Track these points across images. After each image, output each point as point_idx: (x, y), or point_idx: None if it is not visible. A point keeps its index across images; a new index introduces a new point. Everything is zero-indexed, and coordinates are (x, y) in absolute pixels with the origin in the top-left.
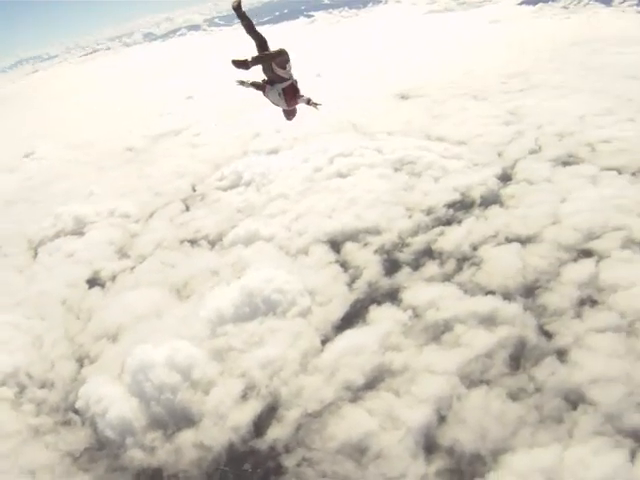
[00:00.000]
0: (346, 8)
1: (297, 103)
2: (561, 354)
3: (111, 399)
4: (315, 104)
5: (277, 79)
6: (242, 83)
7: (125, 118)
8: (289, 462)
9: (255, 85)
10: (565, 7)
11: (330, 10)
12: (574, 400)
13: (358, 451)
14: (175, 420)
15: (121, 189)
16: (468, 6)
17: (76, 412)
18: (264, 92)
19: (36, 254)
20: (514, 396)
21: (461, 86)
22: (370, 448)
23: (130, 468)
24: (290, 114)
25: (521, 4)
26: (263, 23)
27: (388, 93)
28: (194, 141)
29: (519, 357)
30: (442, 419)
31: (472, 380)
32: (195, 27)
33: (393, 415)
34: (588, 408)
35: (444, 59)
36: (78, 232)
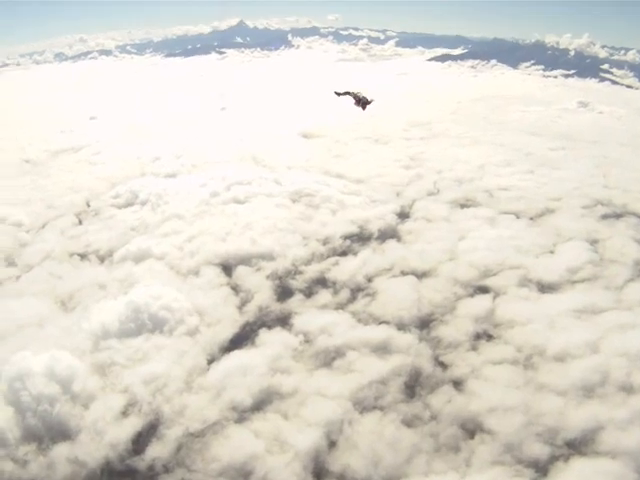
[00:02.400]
0: (258, 49)
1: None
2: (457, 384)
3: None
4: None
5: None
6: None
7: (26, 132)
8: None
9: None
10: (473, 67)
11: (242, 49)
12: (471, 429)
13: (242, 474)
14: (51, 433)
15: (14, 199)
16: (377, 58)
17: None
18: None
19: None
20: (409, 423)
21: (364, 130)
22: (255, 471)
23: None
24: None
25: (430, 60)
26: (175, 55)
27: (291, 131)
28: (93, 159)
29: (414, 385)
30: (333, 444)
31: (365, 406)
32: (107, 52)
33: (281, 438)
34: (486, 437)
35: (348, 104)
36: None
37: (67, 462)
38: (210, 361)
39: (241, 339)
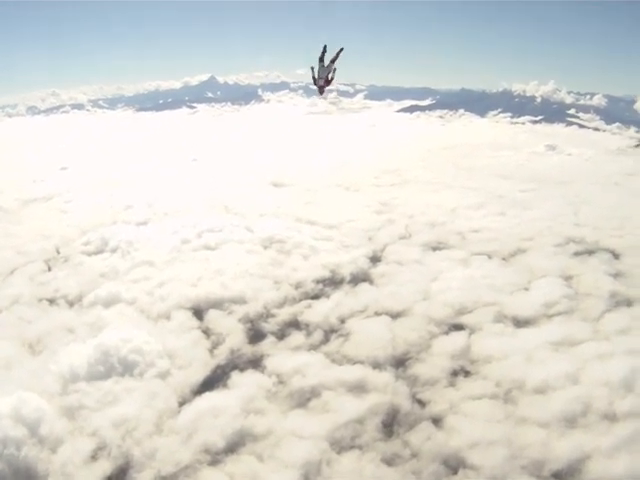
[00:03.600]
0: (229, 103)
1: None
2: (437, 420)
3: None
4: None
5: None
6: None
7: None
8: None
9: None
10: (441, 116)
11: (213, 104)
12: (454, 465)
13: None
14: (17, 477)
15: None
16: (347, 111)
17: None
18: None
19: None
20: (389, 461)
21: (334, 179)
22: None
23: None
24: (320, 92)
25: (399, 111)
26: (147, 109)
27: (262, 181)
28: (64, 207)
29: (392, 423)
30: None
31: (343, 446)
32: (79, 106)
33: None
34: (469, 472)
35: (319, 154)
36: None
37: None
38: (181, 403)
39: (213, 381)
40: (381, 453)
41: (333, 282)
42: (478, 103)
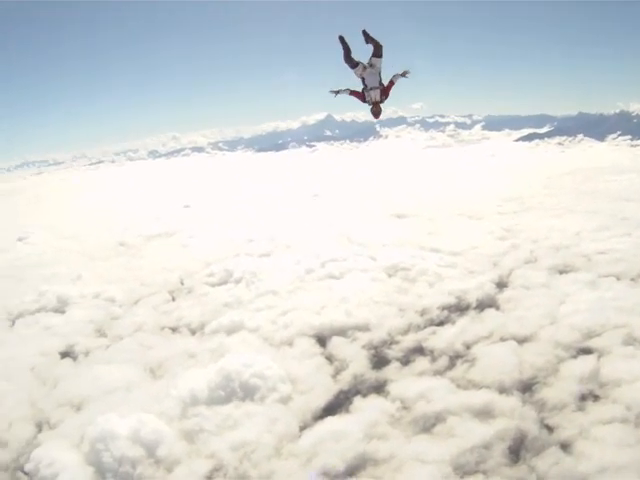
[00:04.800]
0: (347, 140)
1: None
2: (565, 446)
3: (63, 465)
4: (404, 73)
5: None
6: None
7: (122, 219)
8: None
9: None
10: (560, 143)
11: (331, 142)
12: None
13: None
14: None
15: (109, 277)
16: (465, 143)
17: (26, 474)
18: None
19: (13, 324)
20: None
21: (457, 208)
22: None
23: None
24: (376, 114)
25: (517, 140)
26: (266, 150)
27: (384, 213)
28: (187, 242)
29: (519, 449)
30: None
31: (467, 470)
32: (199, 149)
33: None
34: None
35: (440, 185)
36: (60, 310)
37: None
38: (302, 428)
39: (335, 406)
40: (506, 478)
41: (458, 308)
42: (596, 127)
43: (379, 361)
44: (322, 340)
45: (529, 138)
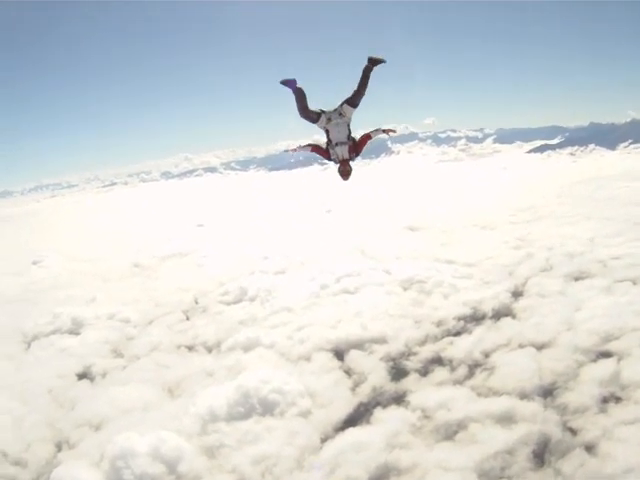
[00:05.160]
0: (359, 158)
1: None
2: (589, 448)
3: None
4: (387, 131)
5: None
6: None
7: (136, 240)
8: None
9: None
10: (572, 154)
11: None
12: None
13: None
14: None
15: (123, 298)
16: (477, 156)
17: None
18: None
19: (29, 347)
20: None
21: (469, 219)
22: None
23: None
24: (345, 174)
25: (529, 152)
26: (278, 169)
27: (397, 226)
28: (201, 261)
29: (543, 453)
30: None
31: (491, 476)
32: (212, 169)
33: None
34: None
35: (453, 198)
36: (75, 332)
37: None
38: (323, 440)
39: (355, 418)
40: None
41: (475, 318)
42: (607, 136)
43: (398, 372)
44: (339, 354)
45: (541, 150)
